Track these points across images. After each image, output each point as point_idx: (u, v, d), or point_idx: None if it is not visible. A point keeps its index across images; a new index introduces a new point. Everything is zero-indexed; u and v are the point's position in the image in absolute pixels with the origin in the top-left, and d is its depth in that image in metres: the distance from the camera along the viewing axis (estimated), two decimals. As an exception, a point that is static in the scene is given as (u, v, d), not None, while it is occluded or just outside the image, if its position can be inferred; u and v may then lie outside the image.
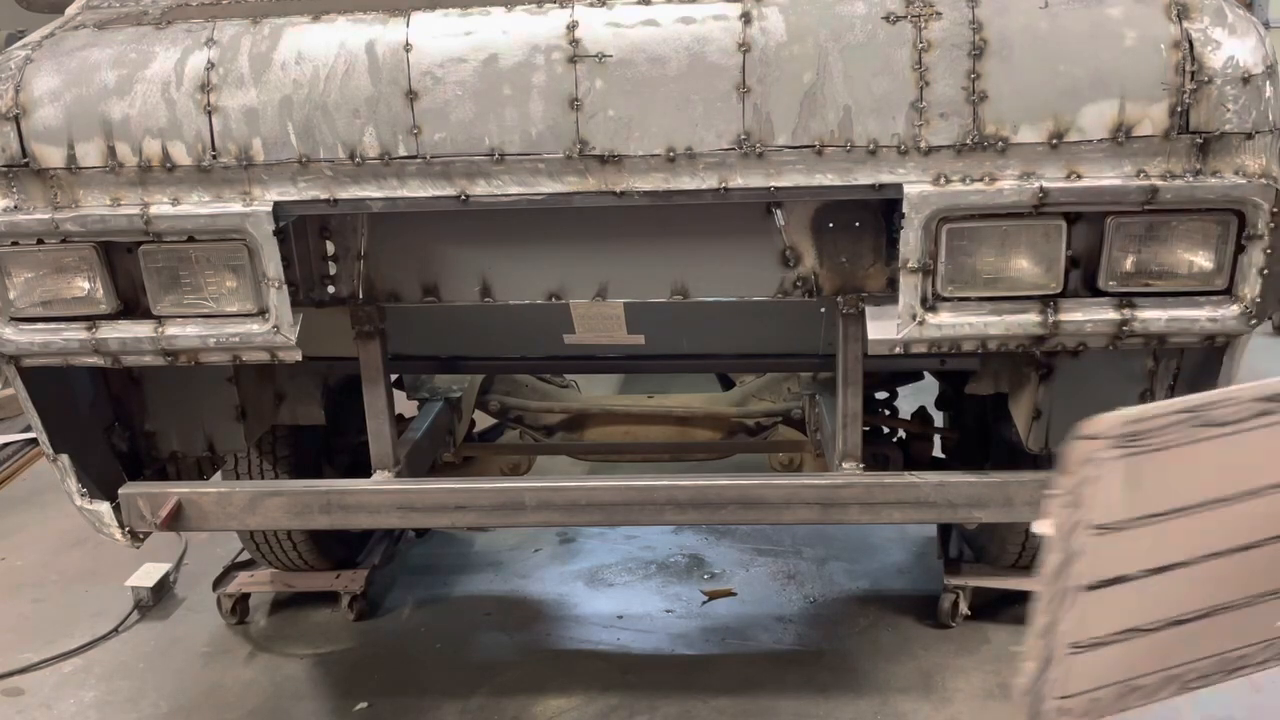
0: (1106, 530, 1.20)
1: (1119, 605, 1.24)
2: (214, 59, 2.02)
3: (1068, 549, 1.20)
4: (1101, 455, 1.16)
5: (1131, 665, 1.29)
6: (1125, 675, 1.29)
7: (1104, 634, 1.26)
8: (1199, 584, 1.23)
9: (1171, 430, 1.17)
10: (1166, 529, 1.21)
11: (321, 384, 2.86)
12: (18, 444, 4.70)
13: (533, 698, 2.97)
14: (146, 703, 3.05)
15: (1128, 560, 1.22)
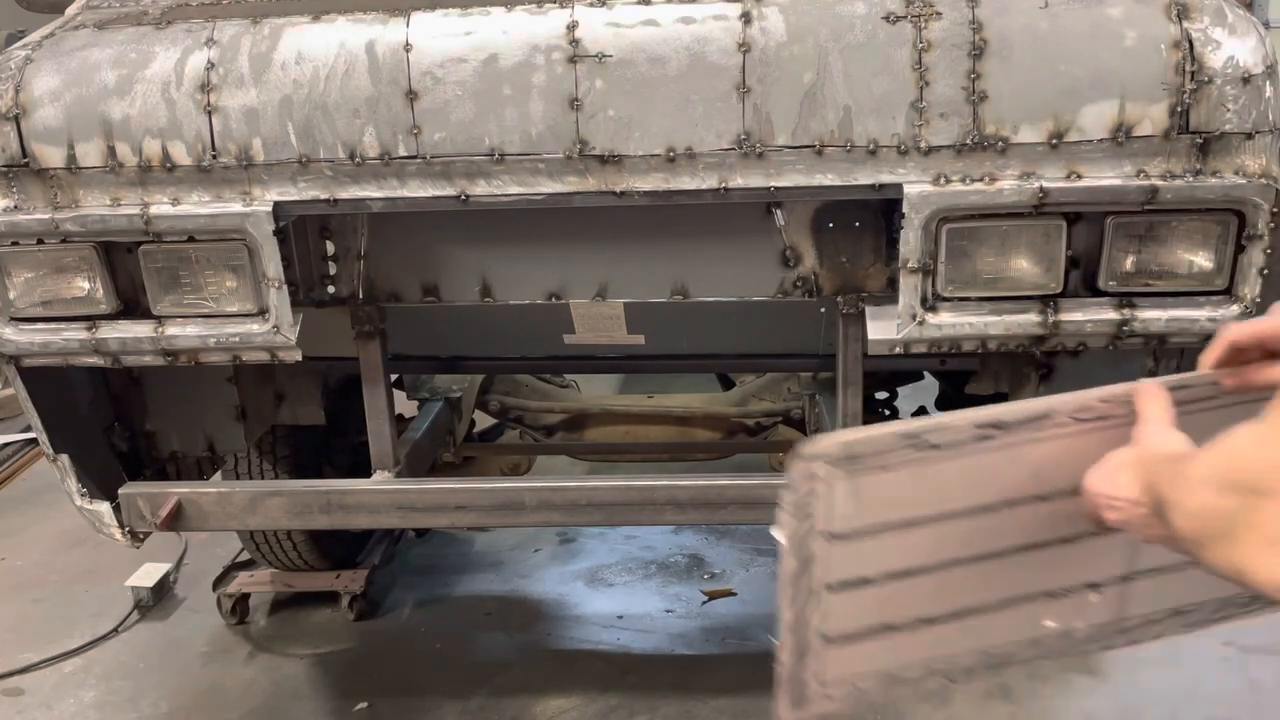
0: (839, 538, 1.27)
1: (866, 604, 1.32)
2: (214, 59, 2.02)
3: (802, 555, 1.28)
4: (823, 474, 1.24)
5: (891, 659, 1.36)
6: (887, 667, 1.36)
7: (855, 630, 1.34)
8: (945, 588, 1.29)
9: (891, 454, 1.24)
10: (902, 538, 1.29)
11: (321, 384, 2.86)
12: (18, 444, 4.70)
13: (533, 698, 2.98)
14: (146, 703, 3.05)
15: (867, 565, 1.30)
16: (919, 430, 1.26)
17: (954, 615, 1.34)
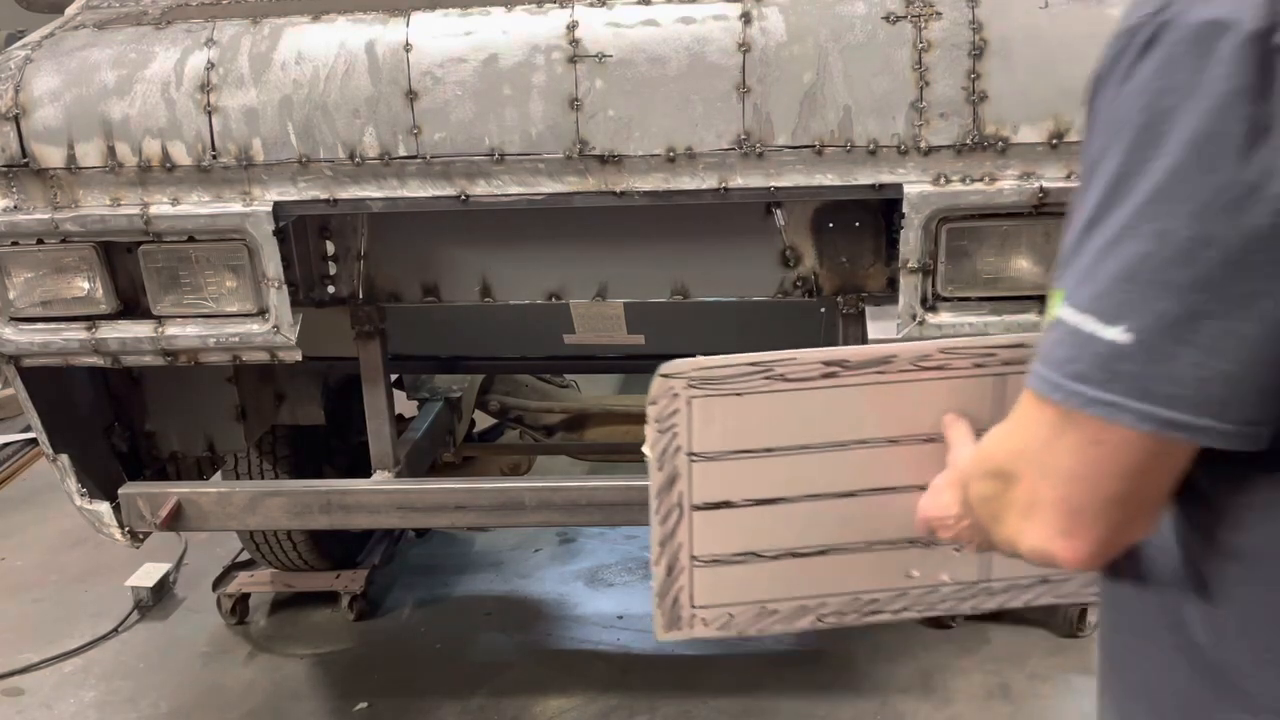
0: (700, 458, 1.38)
1: (732, 528, 1.41)
2: (214, 59, 2.02)
3: (667, 470, 1.40)
4: (679, 393, 1.36)
5: (762, 589, 1.45)
6: (757, 597, 1.46)
7: (723, 553, 1.43)
8: (808, 522, 1.37)
9: (743, 380, 1.35)
10: (762, 465, 1.38)
11: (321, 384, 2.86)
12: (18, 444, 4.69)
13: (533, 698, 2.97)
14: (146, 703, 3.05)
15: (730, 488, 1.40)
16: (769, 361, 1.34)
17: (820, 552, 1.42)
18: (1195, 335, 0.69)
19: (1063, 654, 3.05)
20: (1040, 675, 2.97)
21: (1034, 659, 3.04)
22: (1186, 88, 0.68)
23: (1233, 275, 0.68)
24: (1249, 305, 0.68)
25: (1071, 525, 0.78)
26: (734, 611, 1.48)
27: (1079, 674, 2.97)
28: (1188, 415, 0.71)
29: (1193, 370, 0.70)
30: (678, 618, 1.48)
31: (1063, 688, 2.93)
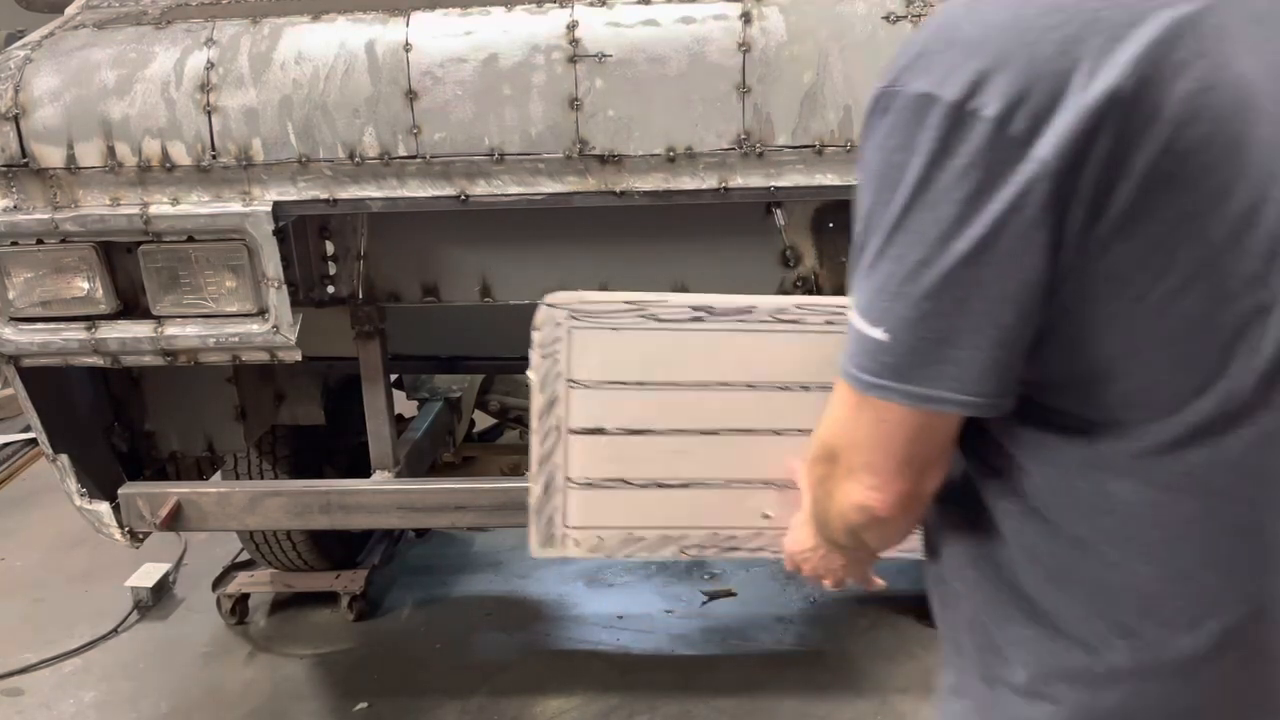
0: (577, 385, 1.52)
1: (604, 454, 1.55)
2: (213, 59, 2.02)
3: (548, 393, 1.53)
4: (561, 321, 1.50)
5: (630, 516, 1.58)
6: (625, 523, 1.59)
7: (596, 477, 1.57)
8: (673, 455, 1.48)
9: (619, 316, 1.49)
10: (633, 397, 1.52)
11: (321, 384, 2.86)
12: (18, 444, 4.69)
13: (533, 698, 2.97)
14: (146, 703, 3.05)
15: (603, 416, 1.53)
16: (644, 300, 1.50)
17: (684, 485, 1.55)
18: (930, 332, 0.88)
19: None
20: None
21: (1034, 659, 3.03)
22: (909, 146, 0.86)
23: (948, 287, 0.86)
24: (963, 308, 0.86)
25: (879, 482, 0.96)
26: (604, 535, 1.61)
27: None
28: (938, 392, 0.89)
29: (934, 358, 0.88)
30: (552, 535, 1.62)
31: (1063, 688, 2.93)
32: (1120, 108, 0.81)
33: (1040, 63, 0.82)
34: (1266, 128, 0.84)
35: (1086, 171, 0.82)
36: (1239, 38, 0.85)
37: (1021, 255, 0.85)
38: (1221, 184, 0.84)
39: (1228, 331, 0.87)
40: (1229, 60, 0.84)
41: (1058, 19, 0.83)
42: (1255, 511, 0.91)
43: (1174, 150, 0.82)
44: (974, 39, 0.84)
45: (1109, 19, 0.82)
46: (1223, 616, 0.92)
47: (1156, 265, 0.85)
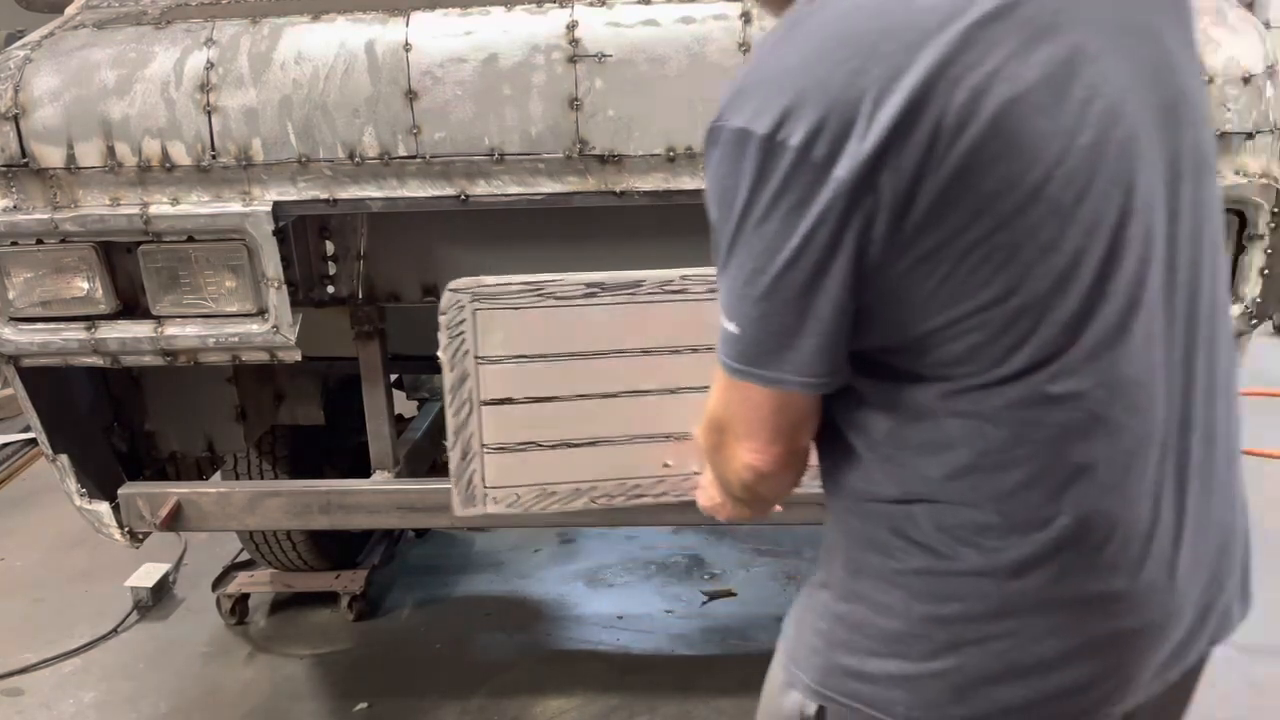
0: (485, 360, 1.68)
1: (515, 421, 1.71)
2: (213, 59, 2.02)
3: (458, 370, 1.69)
4: (465, 304, 1.68)
5: (542, 473, 1.75)
6: (539, 480, 1.75)
7: (508, 442, 1.74)
8: (579, 417, 1.62)
9: (518, 296, 1.66)
10: (538, 369, 1.68)
11: (321, 384, 2.86)
12: (18, 444, 4.69)
13: (533, 698, 2.97)
14: (146, 703, 3.05)
15: (511, 387, 1.70)
16: (540, 281, 1.69)
17: (591, 443, 1.70)
18: (769, 327, 1.04)
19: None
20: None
21: (1034, 659, 3.03)
22: (735, 173, 1.01)
23: (777, 291, 1.01)
24: (791, 307, 1.02)
25: (758, 446, 1.12)
26: (520, 492, 1.77)
27: (1079, 674, 2.97)
28: (782, 375, 1.05)
29: (775, 348, 1.04)
30: (472, 496, 1.78)
31: (1063, 688, 2.93)
32: (904, 125, 0.94)
33: (833, 95, 0.95)
34: (1040, 119, 0.96)
35: (883, 183, 0.95)
36: (1011, 44, 0.96)
37: (833, 261, 0.99)
38: (1008, 173, 0.96)
39: (1032, 295, 0.99)
40: (1001, 66, 0.95)
41: (845, 54, 0.95)
42: (1072, 439, 1.03)
43: (959, 152, 0.95)
44: (779, 78, 0.98)
45: (888, 50, 0.95)
46: (1050, 528, 1.05)
47: (961, 248, 0.98)
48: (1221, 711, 2.80)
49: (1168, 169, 1.04)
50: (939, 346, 1.02)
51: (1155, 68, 1.04)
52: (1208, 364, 1.10)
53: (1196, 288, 1.08)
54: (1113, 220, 1.00)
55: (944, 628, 1.10)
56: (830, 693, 1.18)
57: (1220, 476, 1.13)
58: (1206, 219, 1.10)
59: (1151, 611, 1.09)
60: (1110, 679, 1.11)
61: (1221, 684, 2.89)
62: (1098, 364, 1.01)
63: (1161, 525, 1.08)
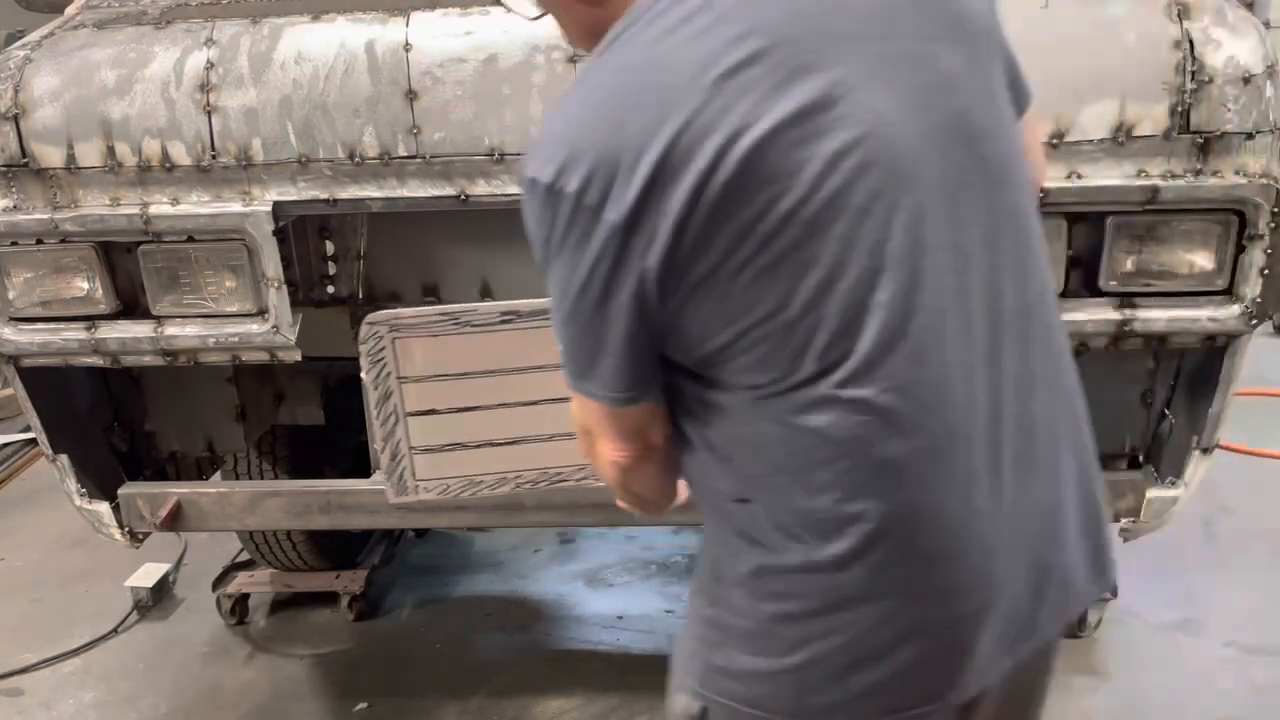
0: (407, 380, 1.87)
1: (440, 428, 1.91)
2: (213, 59, 2.02)
3: (381, 390, 1.89)
4: (383, 335, 1.84)
5: (469, 467, 1.95)
6: (466, 472, 1.96)
7: (435, 444, 1.94)
8: (501, 423, 1.77)
9: (436, 325, 1.81)
10: (459, 385, 1.87)
11: (321, 384, 2.86)
12: (18, 444, 4.69)
13: (533, 698, 2.97)
14: (146, 703, 3.05)
15: (435, 401, 1.89)
16: (457, 311, 1.83)
17: (512, 443, 1.88)
18: (578, 350, 1.17)
19: (1063, 654, 3.03)
20: (1040, 675, 2.97)
21: (1034, 659, 3.03)
22: (535, 217, 1.14)
23: (575, 319, 1.14)
24: (589, 333, 1.14)
25: (615, 445, 1.24)
26: (449, 483, 1.97)
27: (1079, 674, 2.97)
28: (597, 390, 1.18)
29: (587, 367, 1.17)
30: (404, 488, 1.99)
31: (1063, 688, 2.93)
32: (661, 173, 1.05)
33: (600, 148, 1.07)
34: (794, 150, 1.05)
35: (649, 224, 1.06)
36: (764, 87, 1.06)
37: (616, 292, 1.10)
38: (764, 202, 1.06)
39: (801, 308, 1.08)
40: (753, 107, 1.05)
41: (610, 111, 1.08)
42: (872, 439, 1.11)
43: (716, 190, 1.05)
44: (560, 132, 1.11)
45: (646, 106, 1.06)
46: (862, 524, 1.12)
47: (731, 270, 1.08)
48: (1221, 711, 2.80)
49: (948, 182, 1.11)
50: (735, 358, 1.12)
51: (927, 91, 1.11)
52: (1020, 360, 1.16)
53: (997, 290, 1.14)
54: (873, 234, 1.08)
55: (790, 625, 1.18)
56: (709, 693, 1.26)
57: (1041, 462, 1.20)
58: (1004, 224, 1.16)
59: (973, 593, 1.17)
60: (948, 658, 1.19)
61: (1221, 684, 2.89)
62: (882, 368, 1.09)
63: (975, 513, 1.15)
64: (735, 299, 1.09)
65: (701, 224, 1.06)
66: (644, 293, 1.10)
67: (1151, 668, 2.98)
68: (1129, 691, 2.89)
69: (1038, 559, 1.22)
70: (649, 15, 1.10)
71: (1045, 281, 1.23)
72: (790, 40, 1.08)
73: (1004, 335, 1.15)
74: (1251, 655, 3.01)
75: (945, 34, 1.15)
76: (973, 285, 1.13)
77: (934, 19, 1.15)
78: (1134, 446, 2.38)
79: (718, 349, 1.13)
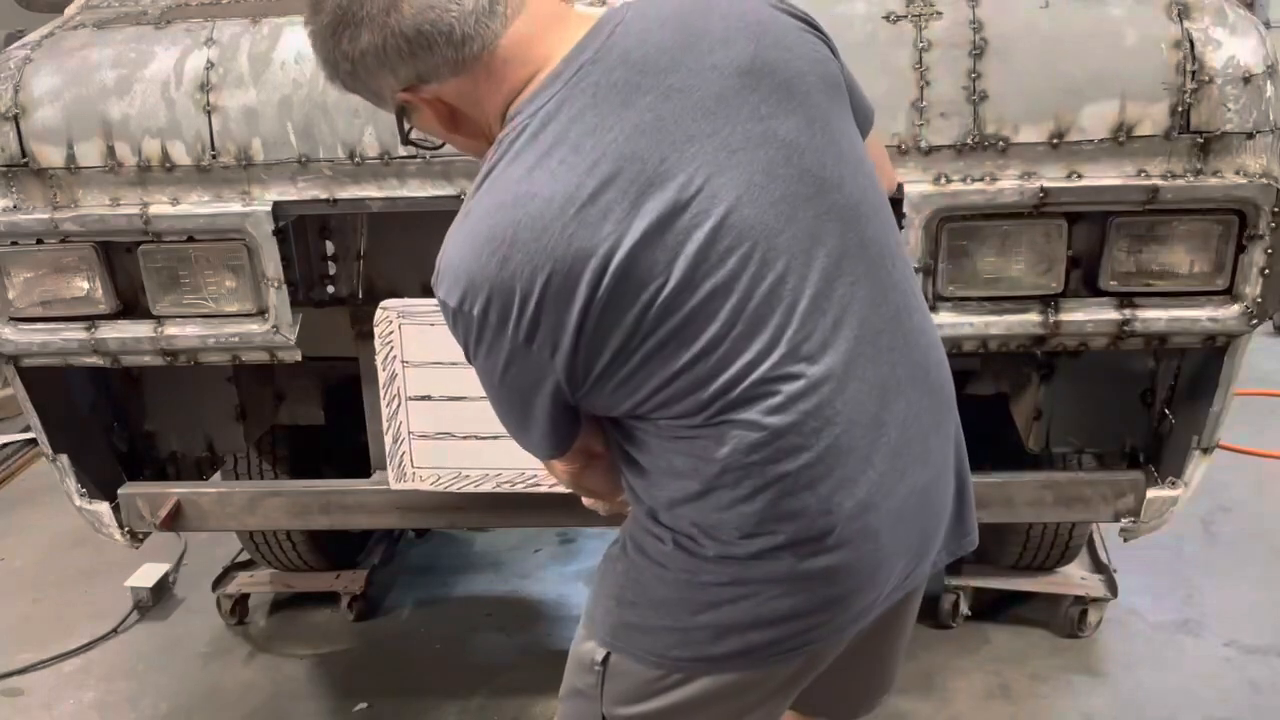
0: (409, 364, 2.08)
1: (433, 415, 2.11)
2: (213, 58, 2.02)
3: (389, 371, 2.09)
4: (393, 320, 2.06)
5: (457, 459, 2.15)
6: (455, 465, 2.15)
7: (429, 431, 2.13)
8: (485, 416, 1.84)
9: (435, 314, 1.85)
10: (450, 373, 2.05)
11: (321, 384, 2.86)
12: (18, 444, 4.69)
13: (533, 698, 2.97)
14: (146, 703, 3.05)
15: (430, 387, 2.09)
16: None
17: (494, 437, 1.93)
18: (513, 421, 1.39)
19: (1063, 654, 3.05)
20: (1040, 675, 2.97)
21: (1034, 659, 3.03)
22: (452, 330, 1.31)
23: (500, 404, 1.37)
24: (515, 411, 1.36)
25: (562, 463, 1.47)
26: (441, 473, 2.17)
27: (1079, 674, 2.97)
28: (535, 448, 1.43)
29: (523, 433, 1.40)
30: (404, 473, 2.18)
31: (1063, 688, 2.93)
32: (548, 295, 1.22)
33: (493, 280, 1.23)
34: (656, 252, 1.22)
35: (546, 336, 1.24)
36: (624, 205, 1.21)
37: (531, 389, 1.30)
38: (643, 301, 1.22)
39: (689, 366, 1.26)
40: (617, 225, 1.21)
41: (493, 248, 1.24)
42: (770, 461, 1.28)
43: (600, 302, 1.22)
44: (456, 266, 1.27)
45: (524, 240, 1.22)
46: (773, 534, 1.31)
47: (626, 357, 1.25)
48: (1221, 711, 2.80)
49: (803, 237, 1.26)
50: (644, 415, 1.31)
51: (771, 164, 1.25)
52: (890, 366, 1.33)
53: (865, 314, 1.30)
54: (742, 303, 1.24)
55: (702, 592, 1.37)
56: (618, 644, 1.46)
57: (916, 449, 1.36)
58: (864, 253, 1.31)
59: (863, 573, 1.36)
60: (836, 619, 1.38)
61: (1221, 684, 2.90)
62: (765, 402, 1.26)
63: (865, 508, 1.32)
64: (635, 379, 1.27)
65: (593, 330, 1.23)
66: (556, 388, 1.29)
67: (1151, 668, 2.98)
68: (1129, 691, 2.90)
69: (919, 531, 1.41)
70: (510, 152, 1.26)
71: (908, 293, 1.38)
72: (637, 158, 1.22)
73: (876, 350, 1.31)
74: (1251, 655, 3.01)
75: (778, 105, 1.27)
76: (844, 318, 1.28)
77: (764, 96, 1.26)
78: (1134, 446, 2.38)
79: (626, 413, 1.33)
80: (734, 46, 1.26)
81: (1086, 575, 3.17)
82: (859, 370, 1.30)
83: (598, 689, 1.51)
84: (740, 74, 1.25)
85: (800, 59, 1.30)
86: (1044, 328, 2.00)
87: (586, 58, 1.25)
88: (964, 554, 1.53)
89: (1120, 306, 1.99)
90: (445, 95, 1.31)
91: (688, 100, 1.23)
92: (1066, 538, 3.01)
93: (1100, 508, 2.25)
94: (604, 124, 1.22)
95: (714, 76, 1.24)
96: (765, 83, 1.26)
